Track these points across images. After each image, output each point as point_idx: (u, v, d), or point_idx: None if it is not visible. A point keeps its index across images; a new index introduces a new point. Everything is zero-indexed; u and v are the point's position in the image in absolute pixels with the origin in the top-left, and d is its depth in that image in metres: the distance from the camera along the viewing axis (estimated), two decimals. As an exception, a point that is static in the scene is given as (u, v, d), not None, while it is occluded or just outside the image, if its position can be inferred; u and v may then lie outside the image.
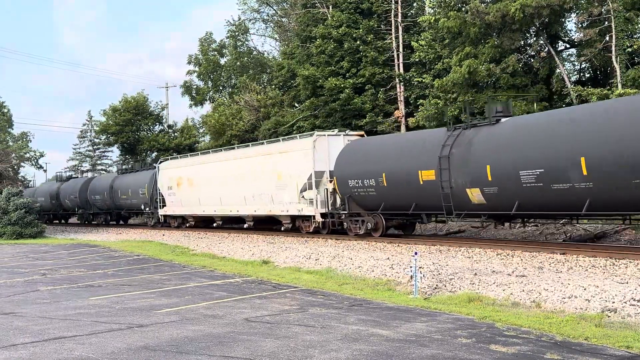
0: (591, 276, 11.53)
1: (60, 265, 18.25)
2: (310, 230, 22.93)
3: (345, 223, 21.45)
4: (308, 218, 22.88)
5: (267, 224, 27.13)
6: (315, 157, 22.12)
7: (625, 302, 9.30)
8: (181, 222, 32.61)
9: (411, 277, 11.46)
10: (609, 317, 8.94)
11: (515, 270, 12.51)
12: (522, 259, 14.28)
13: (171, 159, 35.00)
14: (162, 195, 32.87)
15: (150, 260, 18.92)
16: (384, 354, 7.19)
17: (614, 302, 9.39)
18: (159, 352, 7.56)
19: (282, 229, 24.77)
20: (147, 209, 35.40)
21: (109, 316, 9.99)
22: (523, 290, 10.68)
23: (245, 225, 27.07)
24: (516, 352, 7.15)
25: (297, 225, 23.92)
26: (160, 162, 34.75)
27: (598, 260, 13.31)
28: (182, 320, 9.48)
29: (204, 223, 31.64)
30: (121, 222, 42.79)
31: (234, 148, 29.46)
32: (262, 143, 27.01)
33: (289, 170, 23.29)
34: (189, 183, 30.38)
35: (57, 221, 50.23)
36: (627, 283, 10.47)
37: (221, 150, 30.58)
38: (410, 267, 11.53)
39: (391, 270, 13.71)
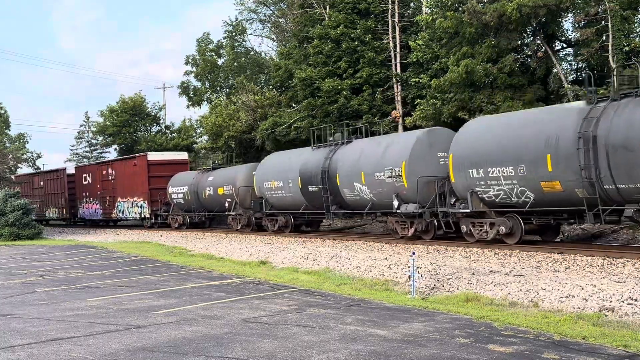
0: (589, 275, 11.55)
1: (58, 267, 18.23)
2: None
3: None
4: None
5: None
6: None
7: (622, 301, 9.32)
8: None
9: (409, 277, 11.47)
10: (606, 316, 8.96)
11: (513, 270, 12.52)
12: (519, 259, 14.29)
13: None
14: None
15: (148, 261, 18.90)
16: (382, 354, 7.19)
17: (611, 302, 9.40)
18: (156, 353, 7.55)
19: None
20: None
21: (107, 317, 9.98)
22: (521, 290, 10.69)
23: None
24: (514, 352, 7.15)
25: None
26: None
27: (595, 260, 13.33)
28: (179, 321, 9.47)
29: None
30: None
31: None
32: None
33: None
34: None
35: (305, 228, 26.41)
36: (625, 282, 10.49)
37: None
38: (408, 267, 11.54)
39: (389, 270, 13.72)
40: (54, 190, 44.02)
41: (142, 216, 34.82)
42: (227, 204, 28.10)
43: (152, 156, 35.18)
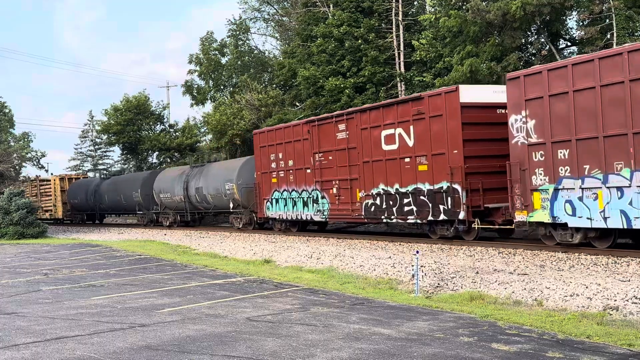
0: (593, 274, 11.53)
1: (62, 265, 18.27)
2: None
3: None
4: None
5: None
6: None
7: (627, 300, 9.30)
8: None
9: (413, 275, 11.46)
10: (610, 315, 8.94)
11: (517, 269, 12.51)
12: (523, 258, 14.28)
13: None
14: None
15: (152, 260, 18.93)
16: (386, 353, 7.19)
17: (615, 300, 9.39)
18: (160, 351, 7.56)
19: None
20: None
21: (111, 316, 10.00)
22: (525, 289, 10.68)
23: None
24: (518, 351, 7.14)
25: None
26: None
27: (600, 258, 13.31)
28: (184, 319, 9.49)
29: None
30: None
31: None
32: None
33: None
34: None
35: None
36: (629, 281, 10.47)
37: None
38: (412, 265, 11.53)
39: (393, 269, 13.71)
40: None
41: None
42: None
43: None
